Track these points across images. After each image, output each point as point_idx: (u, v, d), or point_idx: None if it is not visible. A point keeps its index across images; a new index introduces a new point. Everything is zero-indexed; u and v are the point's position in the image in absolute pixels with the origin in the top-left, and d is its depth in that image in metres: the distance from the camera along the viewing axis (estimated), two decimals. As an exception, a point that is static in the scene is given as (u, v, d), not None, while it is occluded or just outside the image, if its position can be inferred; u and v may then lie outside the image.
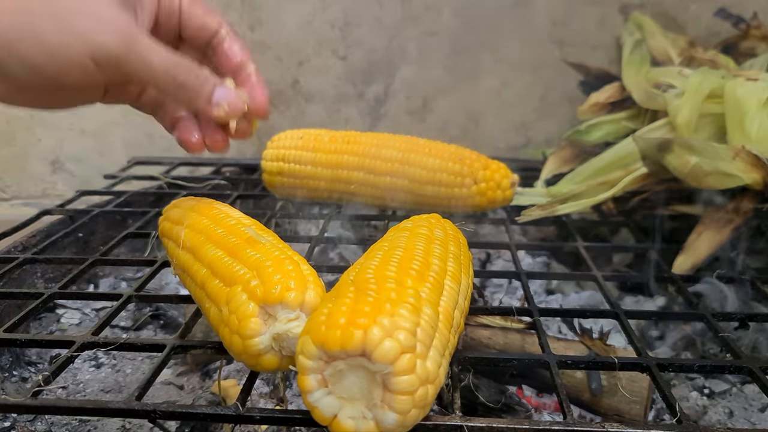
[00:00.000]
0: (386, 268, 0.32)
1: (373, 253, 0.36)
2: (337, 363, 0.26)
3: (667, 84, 0.66)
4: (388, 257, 0.34)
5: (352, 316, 0.26)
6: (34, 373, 0.59)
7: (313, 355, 0.26)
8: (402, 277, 0.31)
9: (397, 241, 0.37)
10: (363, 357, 0.26)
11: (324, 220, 0.63)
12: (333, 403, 0.27)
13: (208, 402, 0.53)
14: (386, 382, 0.26)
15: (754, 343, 0.58)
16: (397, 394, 0.26)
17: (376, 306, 0.27)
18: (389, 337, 0.26)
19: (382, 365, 0.26)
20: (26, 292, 0.49)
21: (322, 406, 0.27)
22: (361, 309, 0.27)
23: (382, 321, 0.26)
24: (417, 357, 0.26)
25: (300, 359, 0.27)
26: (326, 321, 0.27)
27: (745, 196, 0.55)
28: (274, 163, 0.65)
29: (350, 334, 0.26)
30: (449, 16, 0.85)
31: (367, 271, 0.32)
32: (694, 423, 0.45)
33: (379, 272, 0.31)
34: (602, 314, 0.47)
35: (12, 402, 0.34)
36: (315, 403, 0.27)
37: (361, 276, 0.31)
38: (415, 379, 0.26)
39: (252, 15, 0.86)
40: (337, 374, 0.27)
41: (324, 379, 0.27)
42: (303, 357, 0.27)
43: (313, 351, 0.26)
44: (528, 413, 0.51)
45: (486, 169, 0.59)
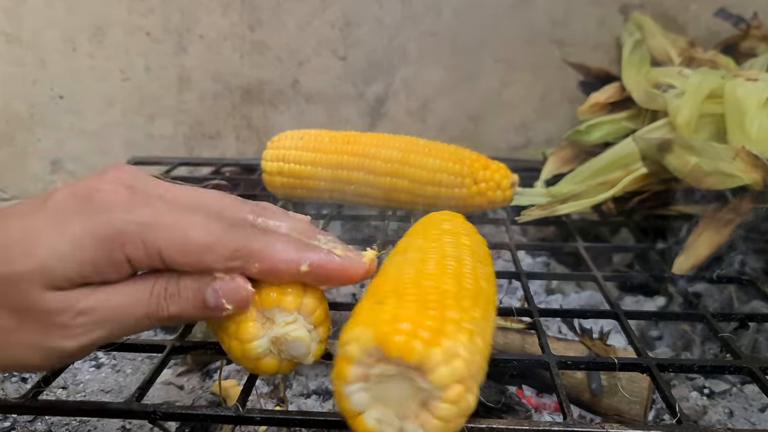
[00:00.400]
0: (443, 279, 0.31)
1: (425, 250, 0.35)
2: (389, 367, 0.26)
3: (667, 84, 0.66)
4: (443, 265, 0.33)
5: (416, 325, 0.26)
6: (34, 374, 0.59)
7: (366, 350, 0.25)
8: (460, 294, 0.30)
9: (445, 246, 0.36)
10: (416, 371, 0.25)
11: (324, 220, 0.63)
12: (364, 400, 0.26)
13: (208, 402, 0.53)
14: (428, 403, 0.26)
15: (754, 344, 0.58)
16: (436, 419, 0.26)
17: (439, 323, 0.26)
18: (449, 362, 0.25)
19: (433, 387, 0.25)
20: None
21: (354, 399, 0.26)
22: (424, 321, 0.26)
23: (446, 343, 0.25)
24: (466, 390, 0.26)
25: (350, 348, 0.26)
26: (390, 321, 0.26)
27: (745, 196, 0.55)
28: (273, 163, 0.65)
29: (412, 346, 0.25)
30: (449, 16, 0.85)
31: (426, 276, 0.31)
32: (694, 423, 0.45)
33: (438, 281, 0.31)
34: (602, 314, 0.47)
35: (12, 402, 0.34)
36: (349, 394, 0.26)
37: (419, 279, 0.31)
38: (456, 410, 0.26)
39: (252, 15, 0.86)
40: (384, 377, 0.26)
41: (366, 375, 0.26)
42: (356, 346, 0.26)
43: (369, 346, 0.25)
44: (528, 413, 0.51)
45: (486, 170, 0.59)
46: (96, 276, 0.29)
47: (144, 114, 0.90)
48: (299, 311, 0.31)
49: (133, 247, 0.29)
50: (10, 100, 0.88)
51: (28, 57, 0.87)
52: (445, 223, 0.41)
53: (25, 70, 0.87)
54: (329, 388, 0.57)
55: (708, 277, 0.52)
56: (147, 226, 0.29)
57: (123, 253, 0.29)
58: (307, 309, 0.31)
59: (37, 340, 0.29)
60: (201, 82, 0.89)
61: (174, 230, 0.29)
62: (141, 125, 0.91)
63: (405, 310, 0.27)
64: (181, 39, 0.87)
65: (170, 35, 0.87)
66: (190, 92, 0.90)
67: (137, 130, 0.91)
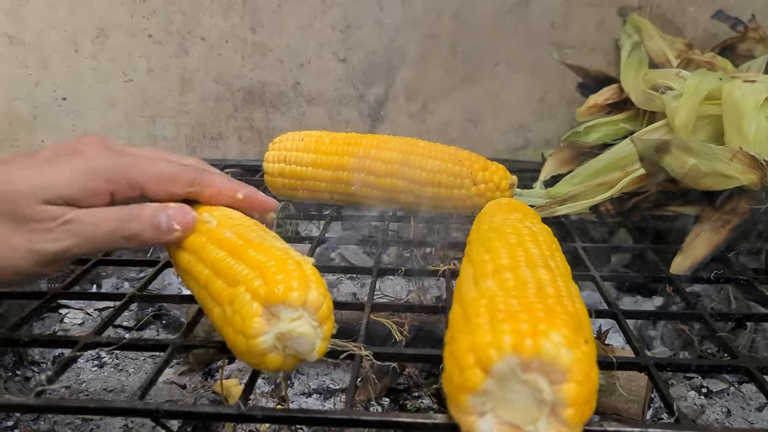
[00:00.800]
0: (561, 296, 0.31)
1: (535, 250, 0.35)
2: (530, 375, 0.25)
3: (665, 86, 0.66)
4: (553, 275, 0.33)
5: (566, 345, 0.26)
6: (37, 373, 0.59)
7: (507, 358, 0.25)
8: (578, 312, 0.30)
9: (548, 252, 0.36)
10: (555, 385, 0.25)
11: (325, 220, 0.63)
12: (481, 404, 0.26)
13: (210, 401, 0.54)
14: (557, 413, 0.26)
15: (751, 343, 0.59)
16: (564, 427, 0.26)
17: (575, 338, 0.27)
18: (585, 383, 0.26)
19: (561, 401, 0.25)
20: (29, 292, 0.49)
21: (476, 406, 0.26)
22: (575, 336, 0.26)
23: (589, 374, 0.26)
24: (592, 403, 0.27)
25: (493, 352, 0.25)
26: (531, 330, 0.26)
27: (742, 197, 0.55)
28: (275, 164, 0.65)
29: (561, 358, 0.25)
30: (449, 18, 0.86)
31: (546, 284, 0.31)
32: (691, 422, 0.45)
33: (556, 294, 0.30)
34: (600, 314, 0.47)
35: (15, 401, 0.34)
36: (471, 405, 0.26)
37: (540, 287, 0.30)
38: (582, 417, 0.26)
39: (253, 17, 0.87)
40: (513, 385, 0.26)
41: (497, 379, 0.26)
42: (495, 358, 0.25)
43: (510, 357, 0.25)
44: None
45: (485, 171, 0.60)
46: (83, 200, 0.38)
47: (146, 115, 0.91)
48: (305, 308, 0.31)
49: (118, 181, 0.39)
50: (13, 101, 0.89)
51: (31, 58, 0.87)
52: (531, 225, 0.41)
53: (27, 71, 0.88)
54: (330, 387, 0.57)
55: (706, 277, 0.52)
56: (128, 166, 0.40)
57: (109, 185, 0.39)
58: (313, 305, 0.32)
59: (28, 244, 0.37)
60: (203, 84, 0.89)
61: (147, 167, 0.40)
62: (143, 126, 0.91)
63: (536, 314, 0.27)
64: (183, 41, 0.87)
65: (172, 37, 0.87)
66: (191, 94, 0.90)
67: (139, 132, 0.91)
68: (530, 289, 0.31)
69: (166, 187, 0.41)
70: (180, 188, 0.41)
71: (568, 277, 0.35)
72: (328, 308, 0.33)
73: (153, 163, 0.41)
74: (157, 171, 0.41)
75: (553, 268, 0.34)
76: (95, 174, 0.39)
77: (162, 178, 0.41)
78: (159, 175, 0.41)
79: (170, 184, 0.41)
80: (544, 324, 0.26)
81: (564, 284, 0.32)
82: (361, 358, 0.36)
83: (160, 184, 0.41)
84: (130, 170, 0.40)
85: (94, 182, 0.38)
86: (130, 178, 0.40)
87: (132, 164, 0.40)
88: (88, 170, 0.38)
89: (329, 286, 0.70)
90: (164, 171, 0.41)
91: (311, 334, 0.31)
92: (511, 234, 0.39)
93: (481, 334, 0.27)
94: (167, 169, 0.41)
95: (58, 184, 0.37)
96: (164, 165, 0.41)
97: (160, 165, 0.41)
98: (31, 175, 0.38)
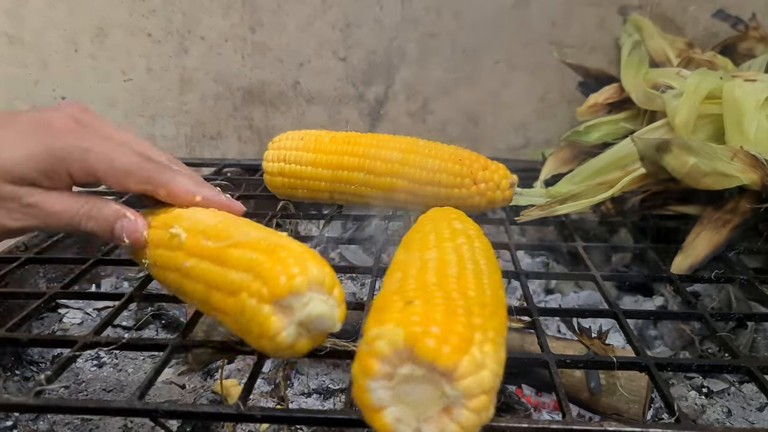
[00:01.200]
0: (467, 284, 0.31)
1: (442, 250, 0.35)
2: (416, 368, 0.26)
3: (666, 85, 0.66)
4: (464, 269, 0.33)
5: (445, 331, 0.26)
6: (36, 373, 0.59)
7: (397, 349, 0.26)
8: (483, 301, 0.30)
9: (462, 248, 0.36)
10: (444, 377, 0.25)
11: (324, 220, 0.63)
12: (387, 397, 0.26)
13: (209, 401, 0.54)
14: (452, 410, 0.26)
15: (752, 343, 0.58)
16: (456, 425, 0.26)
17: (468, 331, 0.27)
18: (477, 372, 0.25)
19: (458, 394, 0.25)
20: (28, 292, 0.49)
21: (377, 394, 0.26)
22: (455, 327, 0.26)
23: (475, 352, 0.26)
24: (489, 401, 0.26)
25: (379, 344, 0.26)
26: (421, 323, 0.26)
27: (743, 197, 0.55)
28: (275, 163, 0.65)
29: (443, 352, 0.25)
30: (449, 17, 0.85)
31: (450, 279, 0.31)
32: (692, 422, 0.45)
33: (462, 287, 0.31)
34: (601, 314, 0.47)
35: (14, 401, 0.34)
36: (371, 389, 0.26)
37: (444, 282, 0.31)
38: (477, 419, 0.26)
39: (253, 16, 0.87)
40: (409, 378, 0.26)
41: (391, 373, 0.26)
42: (385, 344, 0.26)
43: (399, 346, 0.26)
44: (527, 412, 0.51)
45: (485, 170, 0.60)
46: (43, 180, 0.39)
47: (145, 115, 0.91)
48: (311, 288, 0.31)
49: (75, 166, 0.40)
50: (12, 100, 0.89)
51: (30, 58, 0.87)
52: (455, 222, 0.41)
53: (27, 70, 0.88)
54: (330, 387, 0.57)
55: (706, 276, 0.52)
56: (86, 150, 0.40)
57: (65, 167, 0.39)
58: (318, 282, 0.31)
59: None
60: (202, 83, 0.89)
61: (105, 156, 0.40)
62: (142, 126, 0.91)
63: (435, 313, 0.27)
64: (183, 40, 0.87)
65: (172, 36, 0.87)
66: (191, 93, 0.90)
67: (139, 131, 0.91)
68: None
69: (120, 180, 0.41)
70: (134, 184, 0.41)
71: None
72: (331, 276, 0.32)
73: (114, 152, 0.40)
74: (114, 162, 0.40)
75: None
76: (51, 156, 0.39)
77: (117, 170, 0.40)
78: (114, 167, 0.40)
79: (124, 178, 0.41)
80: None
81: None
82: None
83: (115, 176, 0.40)
84: (87, 156, 0.40)
85: (49, 164, 0.39)
86: (86, 165, 0.40)
87: (90, 149, 0.40)
88: (44, 152, 0.39)
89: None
90: (121, 163, 0.40)
91: (327, 311, 0.31)
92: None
93: None
94: (124, 161, 0.40)
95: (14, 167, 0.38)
96: (124, 157, 0.40)
97: (119, 156, 0.40)
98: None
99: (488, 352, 0.27)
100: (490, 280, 0.34)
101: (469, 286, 0.31)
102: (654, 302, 0.67)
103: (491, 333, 0.28)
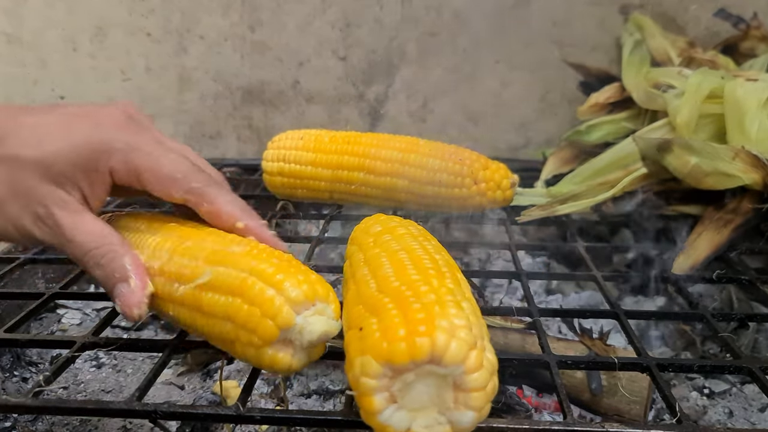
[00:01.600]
0: (406, 272, 0.31)
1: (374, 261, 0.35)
2: (406, 376, 0.26)
3: (667, 84, 0.66)
4: (398, 261, 0.33)
5: (409, 326, 0.26)
6: (35, 373, 0.59)
7: (377, 374, 0.26)
8: (427, 278, 0.31)
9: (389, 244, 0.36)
10: (432, 364, 0.26)
11: (324, 220, 0.63)
12: (404, 417, 0.26)
13: (208, 402, 0.53)
14: (459, 383, 0.26)
15: (753, 343, 0.58)
16: (473, 392, 0.26)
17: (427, 311, 0.27)
18: (453, 338, 0.26)
19: (453, 367, 0.25)
20: (27, 293, 0.49)
21: (394, 422, 0.26)
22: (415, 317, 0.26)
23: (442, 324, 0.26)
24: (481, 351, 0.26)
25: (363, 381, 0.26)
26: (384, 337, 0.26)
27: (744, 197, 0.55)
28: (274, 163, 0.65)
29: (416, 344, 0.25)
30: (449, 16, 0.85)
31: (390, 279, 0.31)
32: (694, 423, 0.45)
33: (403, 278, 0.31)
34: (602, 314, 0.47)
35: (13, 402, 0.34)
36: (386, 421, 0.26)
37: (387, 285, 0.31)
38: (485, 373, 0.26)
39: (252, 16, 0.86)
40: (406, 387, 0.26)
41: (392, 395, 0.26)
42: (366, 378, 0.26)
43: (377, 370, 0.26)
44: (528, 413, 0.51)
45: (486, 170, 0.59)
46: (82, 179, 0.36)
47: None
48: (298, 313, 0.30)
49: (117, 161, 0.36)
50: (11, 100, 0.88)
51: (29, 57, 0.87)
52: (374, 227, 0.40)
53: (26, 70, 0.88)
54: (330, 388, 0.57)
55: (708, 277, 0.52)
56: (133, 148, 0.36)
57: (108, 163, 0.36)
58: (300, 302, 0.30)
59: (15, 216, 0.36)
60: (201, 83, 0.89)
61: (151, 156, 0.37)
62: (141, 125, 0.91)
63: (391, 318, 0.27)
64: (182, 39, 0.87)
65: (171, 36, 0.87)
66: (190, 92, 0.90)
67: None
68: None
69: (165, 186, 0.37)
70: (177, 193, 0.37)
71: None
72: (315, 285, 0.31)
73: (163, 154, 0.37)
74: (161, 164, 0.37)
75: None
76: (93, 149, 0.36)
77: (163, 174, 0.37)
78: (159, 170, 0.37)
79: (170, 184, 0.37)
80: None
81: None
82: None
83: (160, 180, 0.37)
84: (133, 154, 0.36)
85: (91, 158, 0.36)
86: (131, 163, 0.36)
87: (138, 147, 0.36)
88: (86, 144, 0.36)
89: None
90: (169, 168, 0.37)
91: (325, 325, 0.31)
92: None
93: None
94: (173, 166, 0.37)
95: (57, 159, 0.35)
96: (173, 162, 0.37)
97: (168, 160, 0.37)
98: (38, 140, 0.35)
99: (454, 314, 0.27)
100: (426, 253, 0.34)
101: (410, 273, 0.31)
102: (655, 303, 0.67)
103: (448, 296, 0.28)
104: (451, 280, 0.31)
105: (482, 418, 0.27)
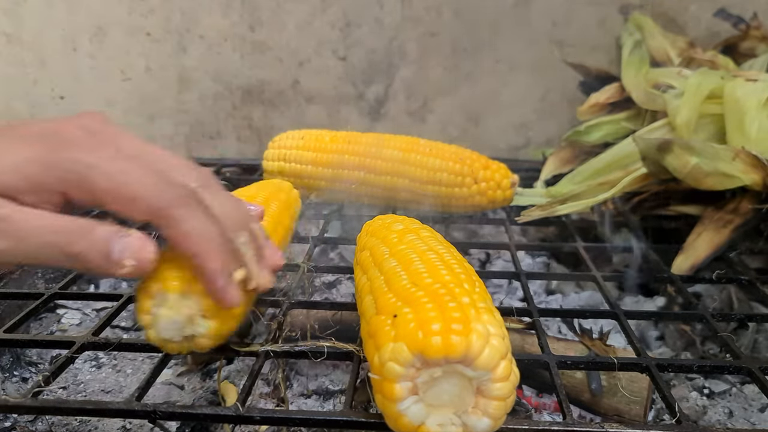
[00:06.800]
0: (438, 272, 0.31)
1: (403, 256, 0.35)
2: (433, 370, 0.26)
3: (667, 84, 0.66)
4: (429, 261, 0.33)
5: (446, 322, 0.26)
6: (34, 374, 0.59)
7: (407, 362, 0.26)
8: (459, 281, 0.31)
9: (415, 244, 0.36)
10: (462, 364, 0.26)
11: (324, 220, 0.63)
12: (421, 411, 0.26)
13: (208, 402, 0.53)
14: (483, 389, 0.26)
15: (753, 344, 0.58)
16: (495, 400, 0.26)
17: (463, 311, 0.27)
18: (488, 344, 0.26)
19: (482, 372, 0.25)
20: (27, 293, 0.49)
21: (411, 414, 0.26)
22: (450, 315, 0.26)
23: (477, 327, 0.26)
24: (510, 362, 0.26)
25: (390, 366, 0.26)
26: (420, 327, 0.26)
27: (744, 197, 0.55)
28: (275, 162, 0.65)
29: (451, 341, 0.25)
30: (449, 16, 0.85)
31: (423, 276, 0.31)
32: (693, 423, 0.45)
33: (436, 276, 0.31)
34: (602, 314, 0.47)
35: (12, 402, 0.34)
36: (404, 411, 0.26)
37: (420, 280, 0.31)
38: (510, 385, 0.26)
39: (252, 15, 0.86)
40: (430, 382, 0.26)
41: (414, 386, 0.26)
42: (395, 363, 0.26)
43: (408, 358, 0.26)
44: (528, 413, 0.51)
45: (486, 169, 0.59)
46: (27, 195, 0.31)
47: (144, 114, 0.90)
48: (155, 310, 0.32)
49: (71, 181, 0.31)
50: (11, 100, 0.88)
51: (29, 57, 0.87)
52: (395, 224, 0.41)
53: (25, 70, 0.88)
54: (330, 388, 0.57)
55: (708, 277, 0.52)
56: (90, 167, 0.31)
57: (61, 183, 0.31)
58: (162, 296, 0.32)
59: None
60: (201, 83, 0.89)
61: (111, 175, 0.31)
62: (141, 125, 0.91)
63: (427, 312, 0.27)
64: (182, 39, 0.87)
65: (170, 35, 0.87)
66: (190, 92, 0.90)
67: (138, 131, 0.91)
68: None
69: (123, 206, 0.32)
70: (137, 213, 0.32)
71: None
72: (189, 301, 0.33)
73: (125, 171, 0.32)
74: (117, 185, 0.31)
75: None
76: (45, 168, 0.31)
77: (119, 193, 0.31)
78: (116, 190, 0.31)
79: (128, 204, 0.32)
80: None
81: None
82: (360, 359, 0.36)
83: (117, 200, 0.31)
84: (90, 172, 0.31)
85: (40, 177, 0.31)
86: (86, 183, 0.31)
87: (95, 165, 0.31)
88: (37, 161, 0.31)
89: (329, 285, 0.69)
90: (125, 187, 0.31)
91: (172, 315, 0.32)
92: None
93: None
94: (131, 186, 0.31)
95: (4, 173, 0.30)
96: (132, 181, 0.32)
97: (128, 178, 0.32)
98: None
99: (488, 320, 0.27)
100: (454, 258, 0.34)
101: (442, 273, 0.31)
102: (655, 303, 0.67)
103: (481, 303, 0.28)
104: (480, 288, 0.31)
105: (496, 428, 0.27)
